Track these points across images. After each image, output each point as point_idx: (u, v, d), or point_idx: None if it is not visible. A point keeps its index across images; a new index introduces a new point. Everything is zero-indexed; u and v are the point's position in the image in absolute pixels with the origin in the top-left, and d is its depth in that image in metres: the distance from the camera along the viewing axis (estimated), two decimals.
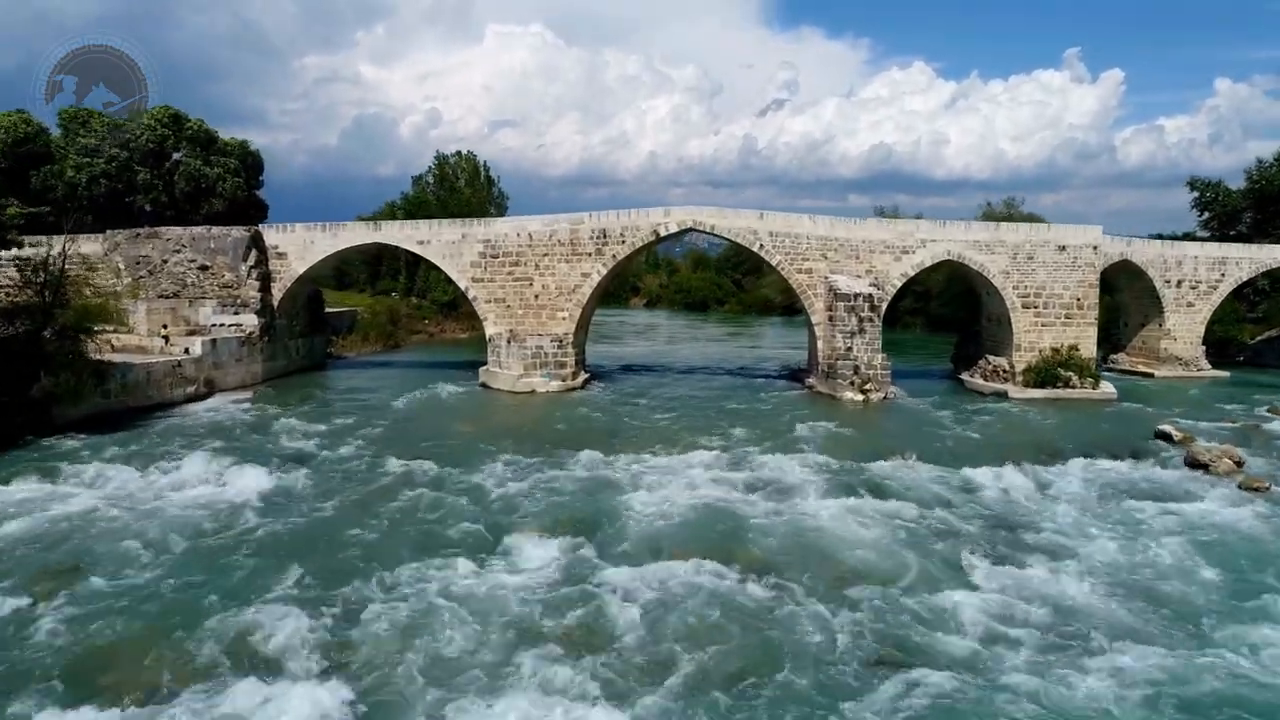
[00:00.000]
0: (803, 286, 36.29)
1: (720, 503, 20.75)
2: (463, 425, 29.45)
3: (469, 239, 37.98)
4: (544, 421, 30.16)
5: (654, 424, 29.53)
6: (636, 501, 20.79)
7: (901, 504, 20.83)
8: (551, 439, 27.08)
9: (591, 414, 31.44)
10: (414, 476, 22.75)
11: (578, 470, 23.54)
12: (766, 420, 30.42)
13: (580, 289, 37.31)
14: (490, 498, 21.11)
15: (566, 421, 30.08)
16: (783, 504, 20.81)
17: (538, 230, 37.50)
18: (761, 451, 25.62)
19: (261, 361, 37.86)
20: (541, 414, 31.93)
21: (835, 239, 36.11)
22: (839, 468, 23.93)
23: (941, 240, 35.97)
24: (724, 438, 27.44)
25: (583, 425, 29.32)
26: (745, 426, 28.91)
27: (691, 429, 28.63)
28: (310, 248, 38.67)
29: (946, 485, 22.73)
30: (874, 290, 35.16)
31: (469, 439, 27.11)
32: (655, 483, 22.40)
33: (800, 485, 22.33)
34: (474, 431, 28.32)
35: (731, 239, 36.83)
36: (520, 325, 37.80)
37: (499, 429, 28.79)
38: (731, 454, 25.30)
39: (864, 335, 34.78)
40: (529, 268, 37.57)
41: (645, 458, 24.86)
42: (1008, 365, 36.17)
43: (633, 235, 36.87)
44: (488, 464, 24.02)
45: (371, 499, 20.89)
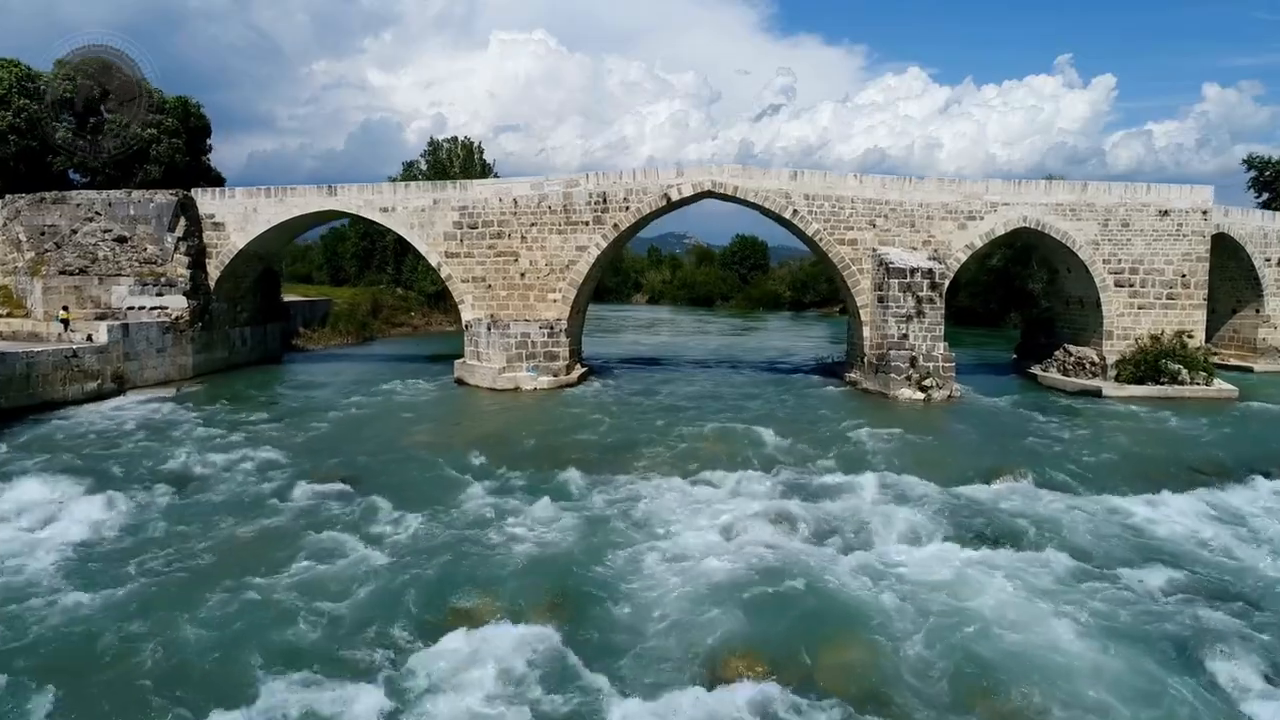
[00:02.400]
0: (845, 261, 28.54)
1: (778, 559, 12.98)
2: (419, 434, 21.69)
3: (442, 205, 30.24)
4: (525, 428, 22.43)
5: (666, 432, 21.78)
6: (650, 558, 13.05)
7: (1053, 555, 13.10)
8: (532, 454, 19.36)
9: (587, 418, 23.70)
10: (322, 511, 15.02)
11: (563, 502, 15.80)
12: (809, 425, 22.68)
13: (575, 265, 29.58)
14: (424, 549, 13.37)
15: (554, 429, 22.32)
16: (874, 558, 13.08)
17: (525, 195, 29.76)
18: (816, 470, 17.91)
19: (192, 353, 30.10)
20: (524, 417, 24.21)
21: (886, 203, 28.34)
22: (932, 496, 16.19)
23: (1016, 204, 28.19)
24: (759, 450, 19.71)
25: (575, 434, 21.57)
26: (784, 434, 21.16)
27: (715, 438, 20.87)
28: (253, 217, 30.94)
29: (1096, 522, 14.96)
30: (934, 264, 27.44)
31: (421, 453, 19.38)
32: (675, 522, 14.68)
33: (887, 523, 14.61)
34: (430, 442, 20.57)
35: (757, 204, 29.07)
36: (503, 309, 30.07)
37: (465, 438, 21.06)
38: (777, 475, 17.56)
39: (923, 320, 27.05)
40: (514, 240, 29.84)
41: (657, 481, 17.11)
42: (1096, 357, 28.39)
43: (638, 200, 29.12)
44: (434, 491, 16.33)
45: (241, 552, 13.13)
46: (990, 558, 13.06)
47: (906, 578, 12.30)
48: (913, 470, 17.76)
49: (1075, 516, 15.11)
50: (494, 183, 30.43)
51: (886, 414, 24.42)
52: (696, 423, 22.71)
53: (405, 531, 14.10)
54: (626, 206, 29.19)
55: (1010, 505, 15.73)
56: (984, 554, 13.23)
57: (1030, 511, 15.34)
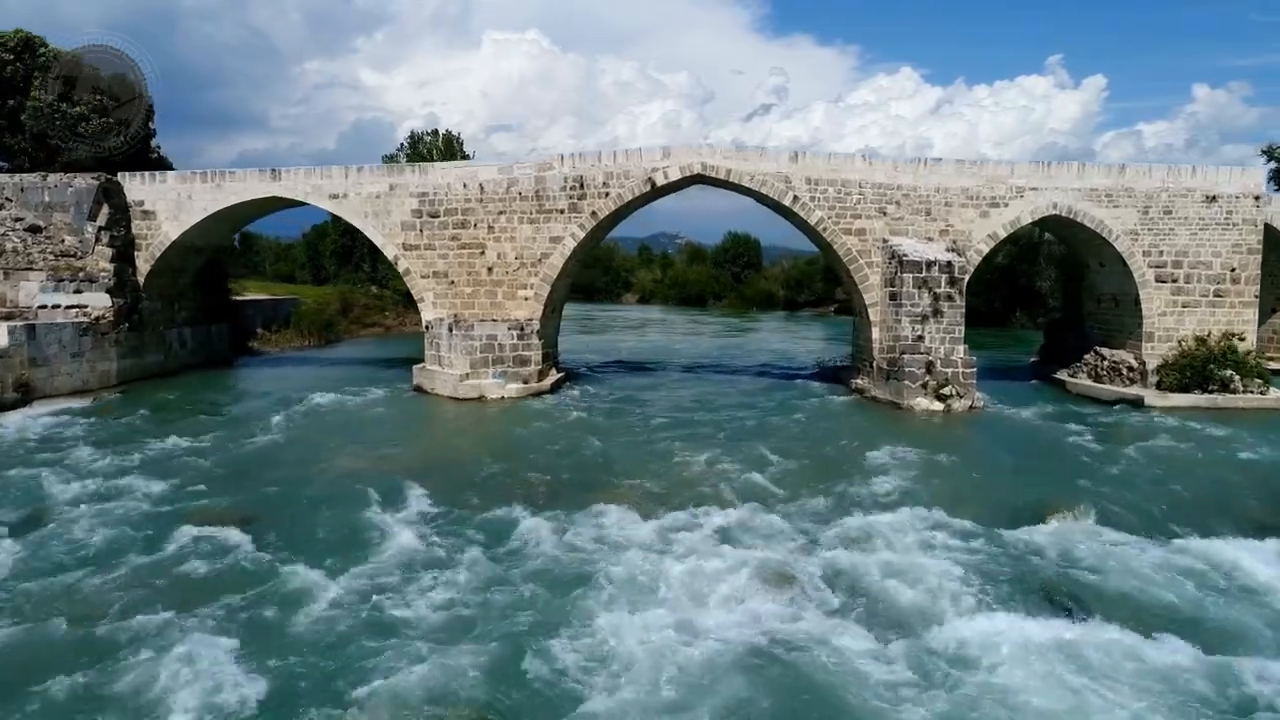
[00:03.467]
0: (852, 253, 25.07)
1: (781, 640, 9.51)
2: (353, 456, 18.13)
3: (399, 192, 26.67)
4: (480, 448, 18.91)
5: (646, 454, 18.28)
6: (614, 641, 9.55)
7: (1153, 648, 9.62)
8: (481, 484, 15.84)
9: (555, 435, 20.20)
10: (192, 569, 11.47)
11: (510, 556, 12.29)
12: (814, 445, 19.24)
13: (549, 258, 26.07)
14: (310, 631, 9.84)
15: (513, 450, 18.80)
16: (911, 640, 9.60)
17: (492, 180, 26.23)
18: (826, 509, 14.43)
19: (117, 358, 26.46)
20: (482, 434, 20.71)
21: (898, 187, 24.89)
22: (975, 541, 12.76)
23: (1045, 188, 24.75)
24: (756, 480, 16.22)
25: (536, 457, 18.03)
26: (785, 458, 17.72)
27: (703, 464, 17.36)
28: (187, 204, 27.32)
29: (1199, 579, 11.51)
30: (953, 257, 24.01)
31: (348, 483, 15.82)
32: (650, 585, 11.19)
33: (922, 585, 11.15)
34: (363, 468, 17.02)
35: (753, 190, 25.57)
36: (468, 308, 26.54)
37: (405, 463, 17.53)
38: (778, 514, 14.08)
39: (940, 320, 23.61)
40: (480, 230, 26.31)
41: (632, 523, 13.60)
42: (1134, 361, 24.98)
43: (619, 185, 25.60)
44: (350, 538, 12.81)
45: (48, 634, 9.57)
46: (1067, 638, 9.60)
47: (957, 673, 8.83)
48: (945, 505, 14.31)
49: (1168, 572, 11.66)
50: (457, 166, 26.92)
51: (903, 429, 20.98)
52: (682, 442, 19.22)
53: (294, 602, 10.57)
54: (606, 192, 25.68)
55: (1076, 555, 12.28)
56: (1056, 631, 9.78)
57: (1104, 564, 11.89)
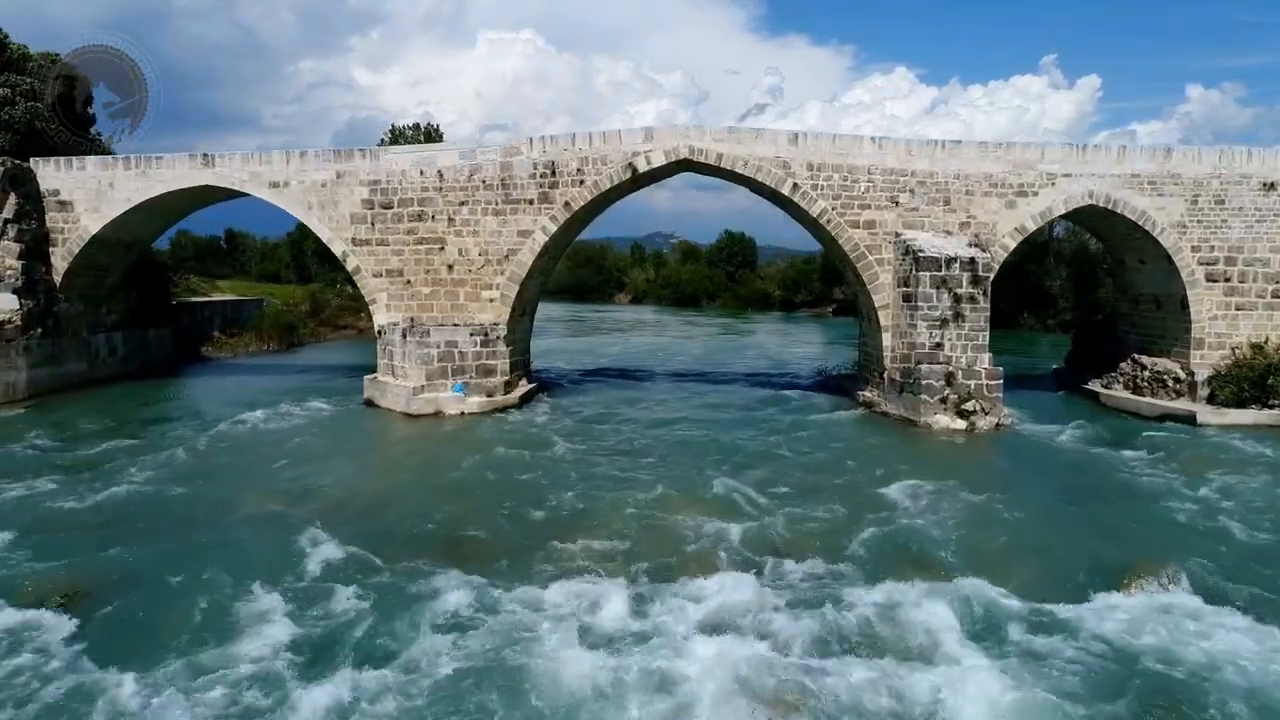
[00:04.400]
0: (860, 249, 21.90)
1: None
2: (263, 493, 14.86)
3: (347, 179, 23.43)
4: (421, 481, 15.69)
5: (621, 490, 15.06)
6: None
7: None
8: (408, 532, 12.62)
9: (517, 461, 16.98)
10: None
11: (434, 647, 9.08)
12: (819, 477, 16.04)
13: (517, 255, 22.86)
14: None
15: (462, 482, 15.55)
16: None
17: (452, 166, 23.01)
18: (840, 577, 11.24)
19: (27, 367, 23.19)
20: (427, 461, 17.48)
21: (912, 174, 21.72)
22: (1035, 625, 9.60)
23: (1080, 175, 21.59)
24: (754, 521, 13.06)
25: (488, 493, 14.80)
26: (785, 497, 14.56)
27: (687, 504, 14.15)
28: (108, 194, 24.04)
29: None
30: (976, 253, 20.87)
31: (241, 534, 12.60)
32: (612, 690, 8.02)
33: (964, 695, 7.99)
34: (268, 511, 13.76)
35: (748, 177, 22.38)
36: (426, 310, 23.33)
37: (323, 502, 14.28)
38: (776, 581, 10.91)
39: (962, 324, 20.47)
40: (439, 223, 23.09)
41: (595, 591, 10.40)
42: (1181, 371, 21.83)
43: (595, 172, 22.40)
44: (215, 623, 9.60)
45: None
46: None
47: None
48: (987, 565, 11.17)
49: None
50: (413, 150, 23.65)
51: (921, 454, 17.83)
52: (666, 473, 16.01)
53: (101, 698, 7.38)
54: (581, 180, 22.47)
55: (1175, 644, 9.13)
56: None
57: (1214, 659, 8.73)
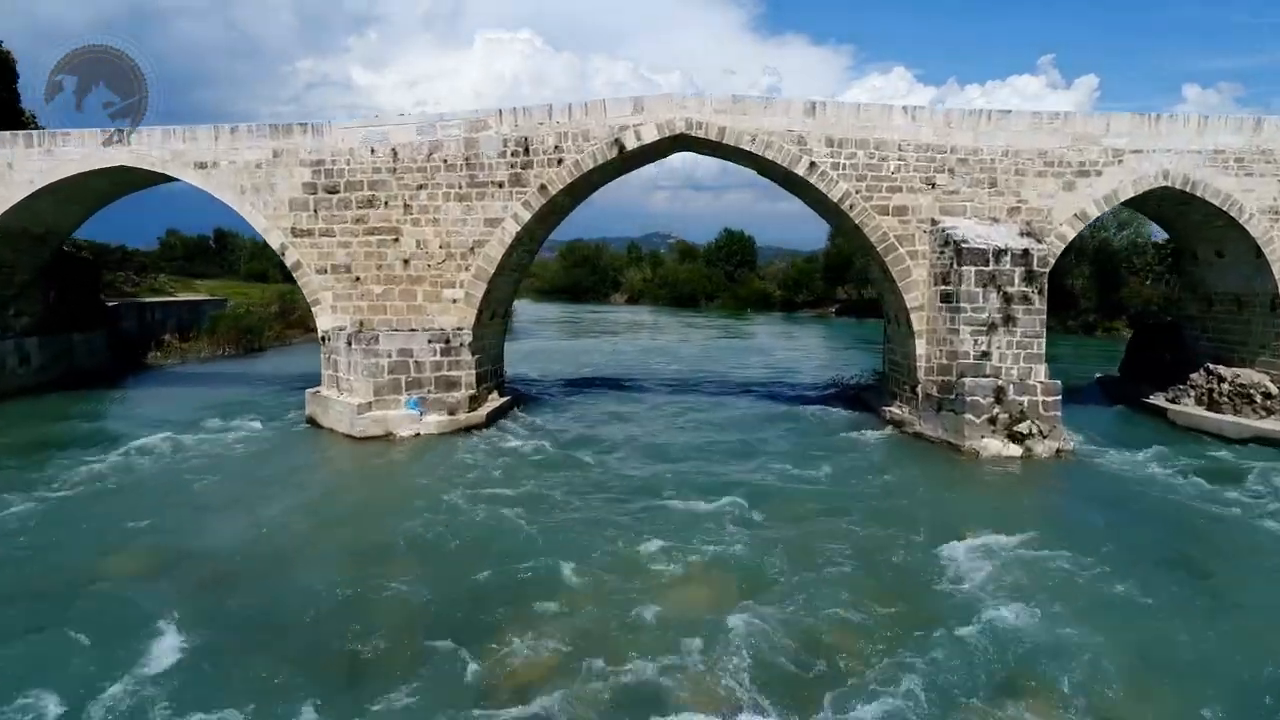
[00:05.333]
0: (889, 239, 18.37)
1: None
2: (133, 553, 11.31)
3: (285, 159, 19.88)
4: (342, 536, 12.11)
5: (596, 551, 11.47)
6: None
7: None
8: (304, 619, 9.05)
9: (469, 507, 13.40)
10: None
11: None
12: (855, 523, 12.50)
13: (485, 247, 19.33)
14: None
15: (393, 540, 11.93)
16: None
17: (408, 143, 19.47)
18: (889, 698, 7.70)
19: None
20: (360, 505, 13.89)
21: (952, 150, 18.20)
22: None
23: (1152, 150, 18.08)
24: (771, 607, 9.53)
25: (425, 556, 11.21)
26: (815, 557, 11.04)
27: (689, 569, 10.62)
28: (7, 176, 20.46)
29: None
30: (1030, 243, 17.36)
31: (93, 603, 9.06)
32: None
33: None
34: (132, 579, 10.21)
35: (755, 154, 18.82)
36: (379, 313, 19.79)
37: (212, 564, 10.71)
38: None
39: (1013, 329, 16.96)
40: (393, 210, 19.55)
41: None
42: (1272, 385, 18.30)
43: (576, 149, 18.86)
44: None
45: None
46: None
47: None
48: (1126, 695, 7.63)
49: None
50: (363, 124, 20.07)
51: (976, 490, 14.32)
52: (656, 524, 12.46)
53: None
54: (559, 159, 18.93)
55: None
56: None
57: None
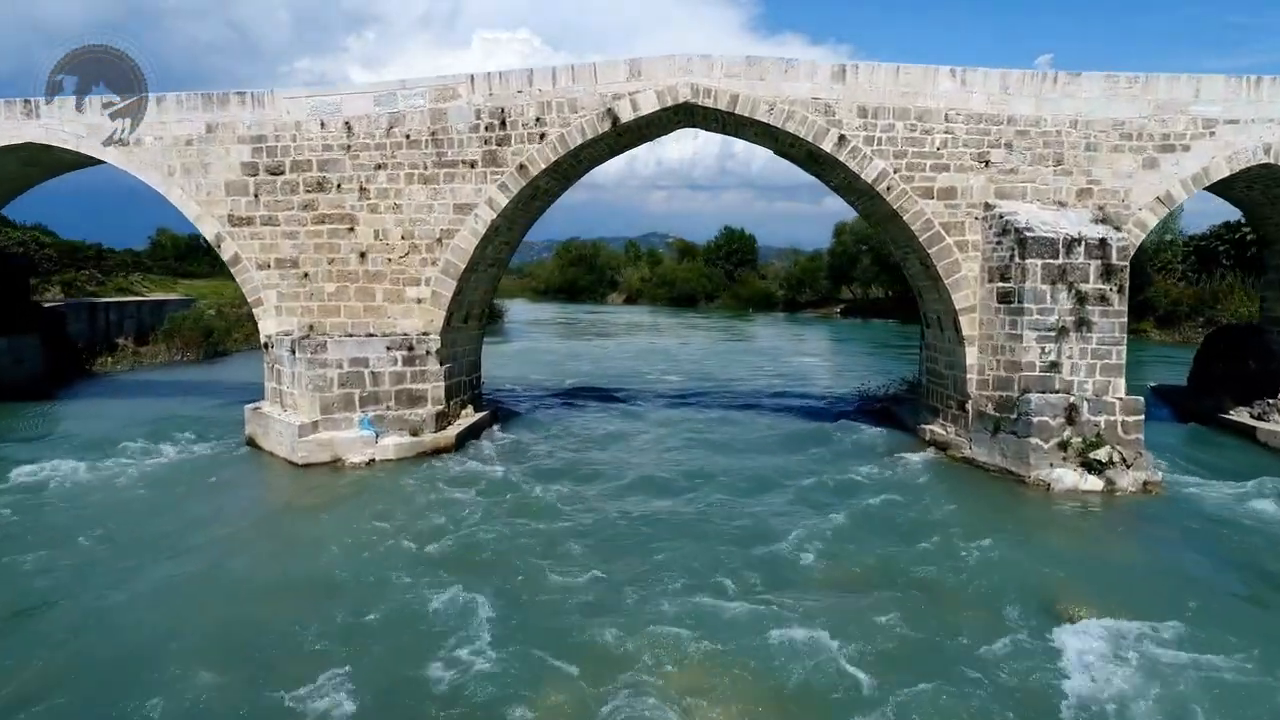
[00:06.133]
0: (932, 227, 15.36)
1: None
2: None
3: (222, 135, 16.87)
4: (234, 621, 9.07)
5: (573, 636, 8.49)
6: None
7: None
8: None
9: (419, 568, 10.39)
10: None
11: None
12: (923, 603, 9.51)
13: (455, 238, 16.33)
14: None
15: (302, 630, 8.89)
16: None
17: (364, 115, 16.47)
18: None
19: None
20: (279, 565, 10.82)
21: (1009, 121, 15.18)
22: None
23: (1251, 121, 15.05)
24: None
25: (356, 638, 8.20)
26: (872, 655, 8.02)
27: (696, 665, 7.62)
28: None
29: None
30: (1107, 232, 14.37)
31: None
32: None
33: None
34: None
35: (773, 127, 15.80)
36: (331, 314, 16.79)
37: (42, 666, 7.69)
38: None
39: (1087, 335, 13.98)
40: (347, 194, 16.55)
41: None
42: None
43: (561, 121, 15.85)
44: None
45: None
46: None
47: None
48: None
49: None
50: (311, 93, 17.02)
51: (1057, 541, 11.34)
52: (654, 589, 9.44)
53: None
54: (541, 133, 15.93)
55: None
56: None
57: None
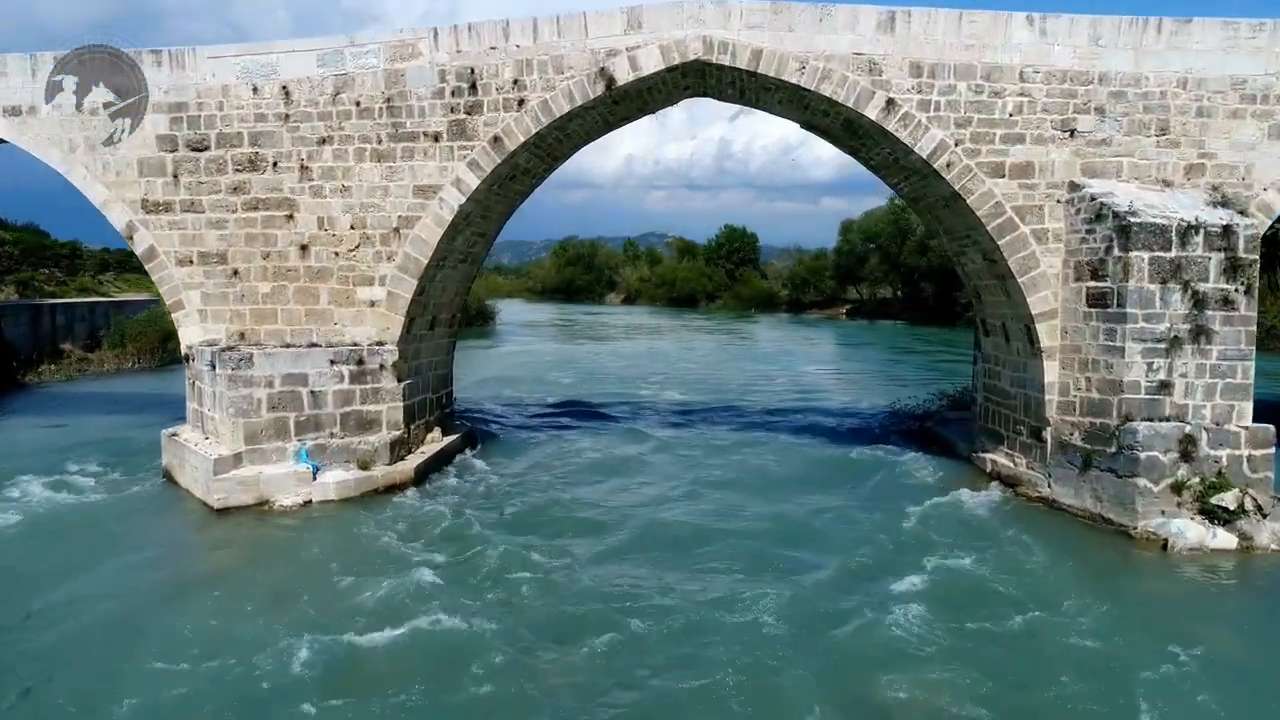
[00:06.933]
0: (1002, 210, 12.34)
1: None
2: None
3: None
4: None
5: None
6: None
7: None
8: None
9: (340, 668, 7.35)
10: None
11: None
12: None
13: (417, 226, 13.31)
14: None
15: None
16: None
17: (305, 78, 13.44)
18: None
19: None
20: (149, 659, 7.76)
21: (1101, 79, 12.18)
22: None
23: None
24: None
25: None
26: None
27: None
28: None
29: None
30: (1230, 217, 11.38)
31: None
32: None
33: None
34: None
35: (804, 91, 12.81)
36: (266, 320, 13.76)
37: None
38: None
39: (1206, 348, 11.00)
40: (285, 174, 13.52)
41: None
42: None
43: (545, 84, 12.83)
44: None
45: None
46: None
47: None
48: None
49: None
50: (241, 52, 13.96)
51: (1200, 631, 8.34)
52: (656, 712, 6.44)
53: None
54: (519, 99, 12.91)
55: None
56: None
57: None
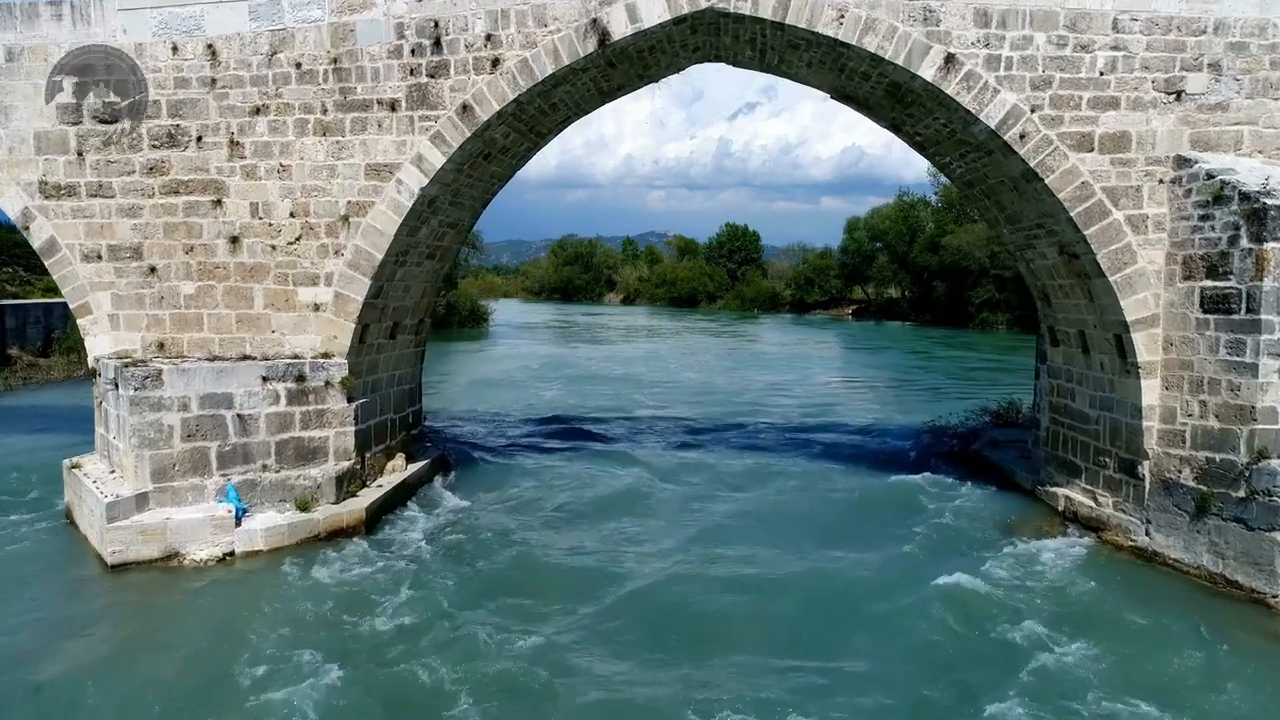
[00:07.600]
0: (1089, 191, 9.94)
1: None
2: None
3: (27, 64, 11.44)
4: None
5: None
6: None
7: None
8: None
9: None
10: None
11: None
12: None
13: (370, 213, 10.89)
14: None
15: None
16: None
17: (236, 35, 11.03)
18: None
19: None
20: None
21: (1217, 27, 9.81)
22: None
23: None
24: None
25: None
26: None
27: None
28: None
29: None
30: None
31: None
32: None
33: None
34: None
35: (843, 47, 10.52)
36: (190, 328, 11.35)
37: None
38: None
39: None
40: (212, 151, 11.11)
41: None
42: None
43: (526, 38, 10.43)
44: None
45: None
46: None
47: None
48: None
49: None
50: (159, 3, 11.57)
51: None
52: None
53: None
54: (494, 58, 10.50)
55: None
56: None
57: None
